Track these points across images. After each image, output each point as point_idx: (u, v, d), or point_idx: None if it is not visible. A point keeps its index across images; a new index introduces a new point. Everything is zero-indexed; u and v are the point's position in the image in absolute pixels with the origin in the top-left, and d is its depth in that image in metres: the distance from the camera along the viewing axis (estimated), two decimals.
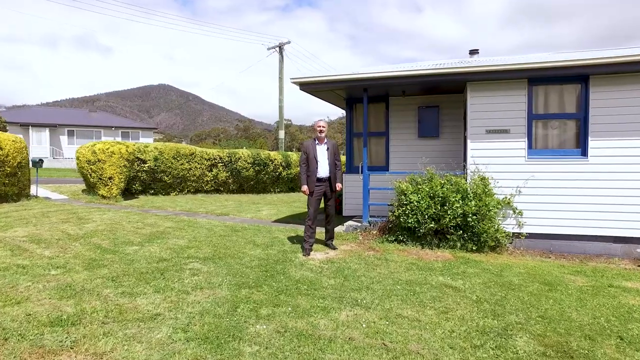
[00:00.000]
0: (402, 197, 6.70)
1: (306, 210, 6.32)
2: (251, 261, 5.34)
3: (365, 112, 7.79)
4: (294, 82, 7.50)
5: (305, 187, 6.05)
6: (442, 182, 6.67)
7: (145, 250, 5.60)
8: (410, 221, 6.48)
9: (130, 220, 8.02)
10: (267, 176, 16.72)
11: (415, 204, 6.50)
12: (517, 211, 6.90)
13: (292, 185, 18.28)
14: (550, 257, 6.46)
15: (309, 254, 5.87)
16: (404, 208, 6.58)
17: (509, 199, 6.88)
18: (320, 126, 6.08)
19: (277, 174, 17.18)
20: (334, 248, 6.22)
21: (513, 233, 6.84)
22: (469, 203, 6.35)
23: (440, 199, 6.47)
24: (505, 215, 6.88)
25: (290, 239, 6.95)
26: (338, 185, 6.17)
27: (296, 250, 6.13)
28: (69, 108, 53.24)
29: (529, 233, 6.86)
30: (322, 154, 6.07)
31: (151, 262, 5.00)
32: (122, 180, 11.28)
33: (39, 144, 31.50)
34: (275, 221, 9.17)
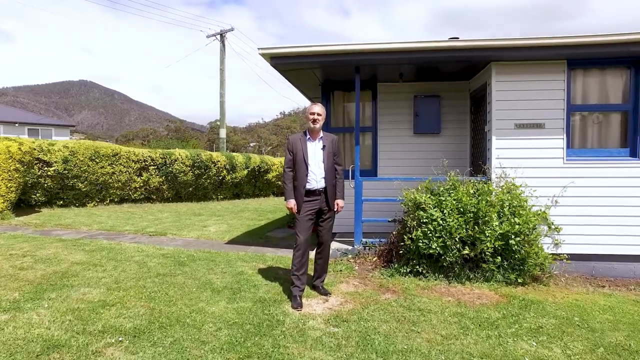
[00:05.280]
0: (420, 212, 4.90)
1: (265, 223, 4.29)
2: (217, 332, 3.18)
3: (358, 99, 5.91)
4: (263, 54, 5.40)
5: (291, 203, 4.05)
6: (472, 191, 4.98)
7: (20, 324, 3.16)
8: (433, 246, 4.69)
9: (14, 252, 5.38)
10: (208, 181, 14.23)
11: (440, 222, 4.73)
12: (553, 227, 5.43)
13: (237, 191, 15.94)
14: (604, 286, 5.03)
15: (301, 306, 3.84)
16: (423, 228, 4.78)
17: (545, 212, 5.39)
18: (313, 113, 4.09)
19: (220, 178, 14.73)
20: (326, 293, 4.23)
21: (552, 255, 5.35)
22: (511, 220, 4.72)
23: (471, 214, 4.77)
24: (541, 234, 5.36)
25: (262, 273, 4.86)
26: (338, 204, 4.23)
27: (278, 296, 4.08)
28: None
29: (568, 254, 5.41)
30: (315, 154, 4.12)
31: None
32: (12, 189, 8.31)
33: None
34: (230, 242, 6.98)
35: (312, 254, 4.35)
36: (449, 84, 6.86)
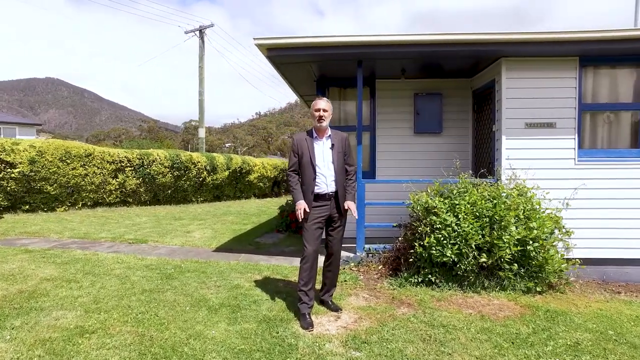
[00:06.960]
0: (432, 217, 4.54)
1: (251, 227, 3.92)
2: None
3: (360, 95, 5.51)
4: (259, 45, 4.92)
5: (301, 205, 3.59)
6: (486, 194, 4.66)
7: None
8: (448, 254, 4.34)
9: None
10: (188, 183, 13.57)
11: (455, 227, 4.38)
12: (564, 230, 5.18)
13: (217, 193, 15.31)
14: (619, 292, 4.81)
15: (312, 325, 3.40)
16: (437, 234, 4.43)
17: (556, 215, 5.13)
18: (319, 109, 3.68)
19: (200, 179, 14.10)
20: (337, 309, 3.80)
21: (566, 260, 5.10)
22: (529, 224, 4.42)
23: (487, 219, 4.44)
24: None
25: (261, 286, 4.39)
26: (350, 206, 3.77)
27: (283, 314, 3.62)
28: None
29: (580, 259, 5.18)
30: (323, 154, 3.71)
31: None
32: None
33: None
34: (218, 249, 6.46)
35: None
36: (451, 81, 6.56)
